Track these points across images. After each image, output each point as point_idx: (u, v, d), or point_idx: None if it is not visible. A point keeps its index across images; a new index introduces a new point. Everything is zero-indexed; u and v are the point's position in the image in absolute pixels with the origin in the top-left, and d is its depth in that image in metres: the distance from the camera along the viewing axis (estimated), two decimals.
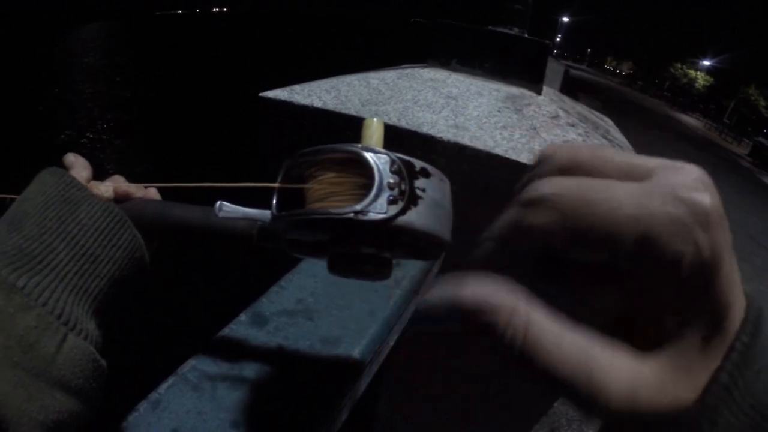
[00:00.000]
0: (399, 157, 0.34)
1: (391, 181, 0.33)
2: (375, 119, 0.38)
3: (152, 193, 0.50)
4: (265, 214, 0.40)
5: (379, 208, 0.32)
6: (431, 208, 0.34)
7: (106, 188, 0.46)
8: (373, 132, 0.37)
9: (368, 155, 0.33)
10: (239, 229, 0.45)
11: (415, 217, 0.33)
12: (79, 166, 0.47)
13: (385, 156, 0.33)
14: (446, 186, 0.37)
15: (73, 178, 0.41)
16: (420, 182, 0.34)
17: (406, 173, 0.33)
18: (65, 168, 0.47)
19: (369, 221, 0.32)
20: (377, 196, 0.32)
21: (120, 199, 0.47)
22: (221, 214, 0.41)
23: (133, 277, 0.43)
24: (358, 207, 0.32)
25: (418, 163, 0.35)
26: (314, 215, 0.35)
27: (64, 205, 0.38)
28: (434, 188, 0.35)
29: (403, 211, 0.32)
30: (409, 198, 0.33)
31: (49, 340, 0.32)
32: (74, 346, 0.34)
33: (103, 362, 0.37)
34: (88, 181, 0.47)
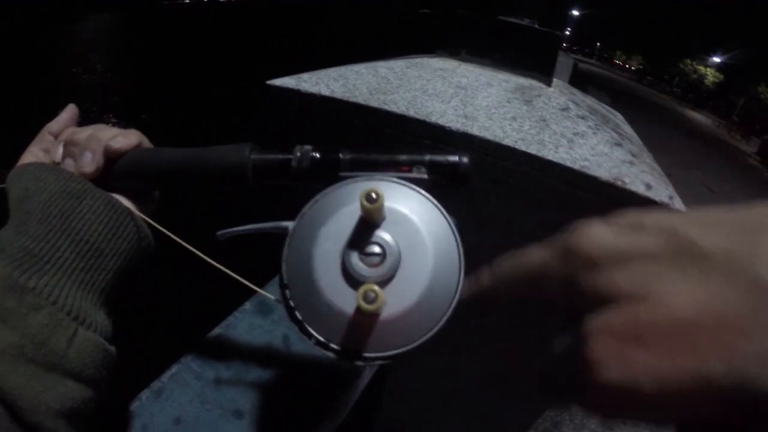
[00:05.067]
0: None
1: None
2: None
3: (135, 136, 0.47)
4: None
5: None
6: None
7: (89, 163, 0.44)
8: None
9: None
10: (232, 164, 0.42)
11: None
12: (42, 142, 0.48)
13: None
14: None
15: (71, 173, 0.41)
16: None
17: None
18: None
19: None
20: None
21: (112, 157, 0.45)
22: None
23: (140, 265, 0.43)
24: None
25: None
26: None
27: (66, 200, 0.39)
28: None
29: None
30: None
31: (60, 336, 0.34)
32: (84, 339, 0.35)
33: (112, 349, 0.38)
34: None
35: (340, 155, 0.40)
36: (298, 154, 0.41)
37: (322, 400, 0.53)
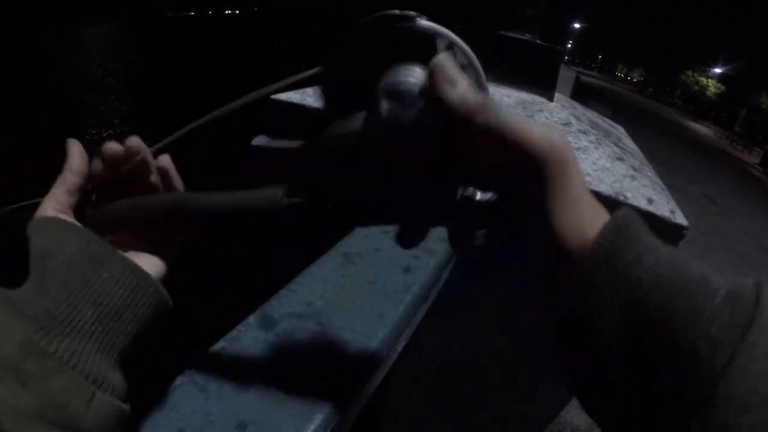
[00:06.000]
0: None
1: None
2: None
3: (165, 161, 0.51)
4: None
5: None
6: None
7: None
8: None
9: None
10: (265, 209, 0.44)
11: None
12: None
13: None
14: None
15: (93, 234, 0.42)
16: None
17: None
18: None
19: None
20: None
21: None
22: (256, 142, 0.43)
23: (157, 328, 0.44)
24: None
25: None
26: None
27: (87, 262, 0.39)
28: None
29: None
30: None
31: (79, 400, 0.34)
32: (101, 403, 0.35)
33: (127, 407, 0.38)
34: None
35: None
36: None
37: (326, 415, 0.53)
